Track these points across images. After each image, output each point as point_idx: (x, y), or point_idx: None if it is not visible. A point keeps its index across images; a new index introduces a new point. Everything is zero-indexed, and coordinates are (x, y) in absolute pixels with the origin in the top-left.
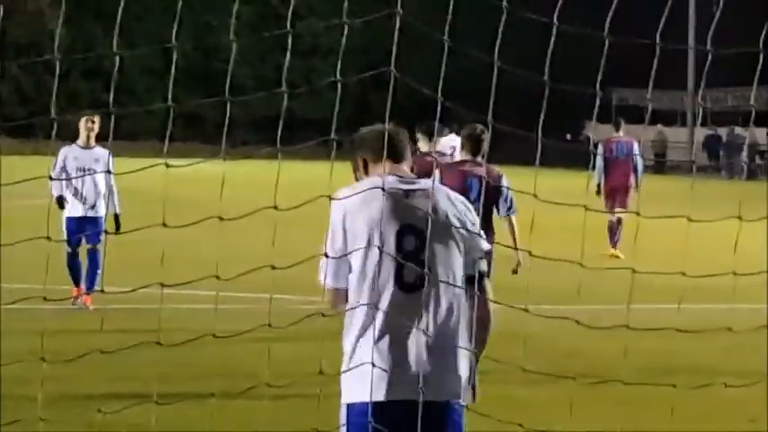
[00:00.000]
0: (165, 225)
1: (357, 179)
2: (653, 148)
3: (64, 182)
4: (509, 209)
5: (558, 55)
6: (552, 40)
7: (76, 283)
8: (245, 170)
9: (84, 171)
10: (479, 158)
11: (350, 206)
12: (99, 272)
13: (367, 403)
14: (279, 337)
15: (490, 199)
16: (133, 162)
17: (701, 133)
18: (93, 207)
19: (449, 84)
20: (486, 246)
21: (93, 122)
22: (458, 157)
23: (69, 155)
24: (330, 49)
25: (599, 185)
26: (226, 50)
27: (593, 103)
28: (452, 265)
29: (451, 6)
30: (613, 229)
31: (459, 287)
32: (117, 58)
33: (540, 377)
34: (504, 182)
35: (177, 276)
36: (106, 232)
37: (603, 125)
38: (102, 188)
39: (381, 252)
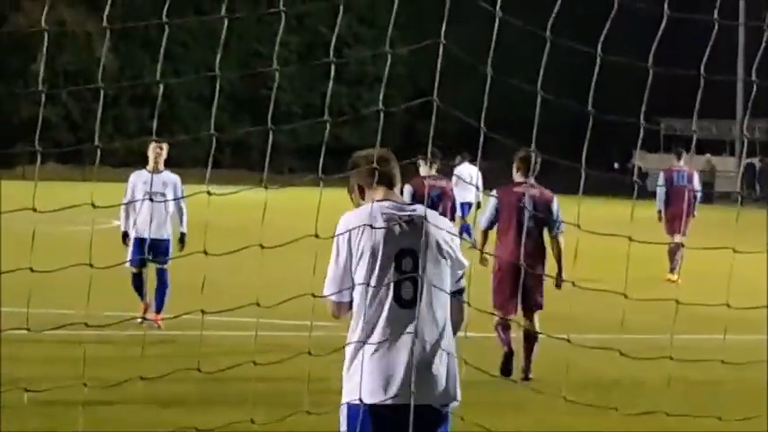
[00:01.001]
0: (205, 253)
1: (353, 201)
2: (701, 177)
3: (132, 205)
4: (558, 228)
5: (606, 85)
6: (596, 69)
7: (142, 297)
8: (289, 197)
9: (151, 195)
10: (531, 180)
11: (355, 227)
12: (167, 291)
13: (367, 404)
14: (319, 365)
15: (543, 219)
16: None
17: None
18: (159, 229)
19: (494, 112)
20: (465, 262)
21: (160, 148)
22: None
23: (138, 180)
24: (376, 77)
25: (660, 212)
26: (272, 78)
27: (640, 132)
28: (443, 282)
29: (495, 35)
30: (673, 254)
31: (449, 294)
32: (162, 86)
33: (582, 407)
34: (555, 203)
35: (219, 303)
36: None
37: (651, 154)
38: (171, 210)
39: (382, 271)
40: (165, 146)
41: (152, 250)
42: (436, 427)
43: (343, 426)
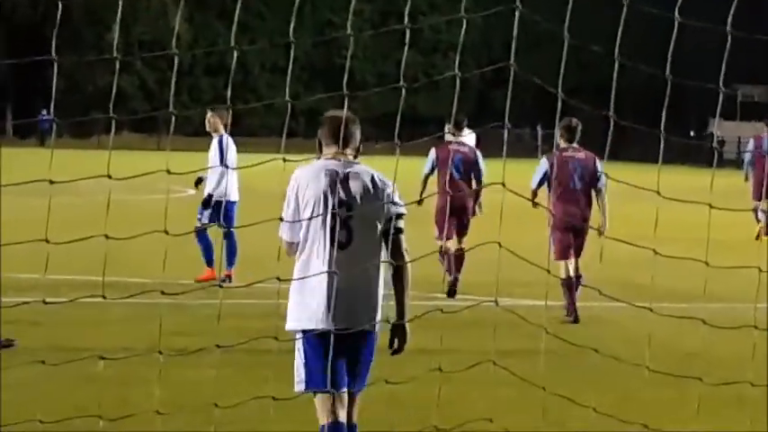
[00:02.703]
0: (281, 219)
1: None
2: None
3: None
4: (602, 185)
5: (683, 51)
6: (674, 35)
7: (209, 264)
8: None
9: (208, 159)
10: (575, 145)
11: (302, 181)
12: (234, 252)
13: (314, 332)
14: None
15: (590, 179)
16: (254, 158)
17: None
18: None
19: (569, 79)
20: (402, 210)
21: (211, 116)
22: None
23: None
24: (451, 45)
25: (746, 175)
26: (346, 47)
27: (718, 100)
28: (373, 227)
29: (572, 1)
30: (757, 213)
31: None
32: (237, 56)
33: (664, 377)
34: (599, 165)
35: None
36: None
37: (728, 122)
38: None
39: (323, 218)
40: (210, 113)
41: (213, 209)
42: (365, 346)
43: (299, 354)
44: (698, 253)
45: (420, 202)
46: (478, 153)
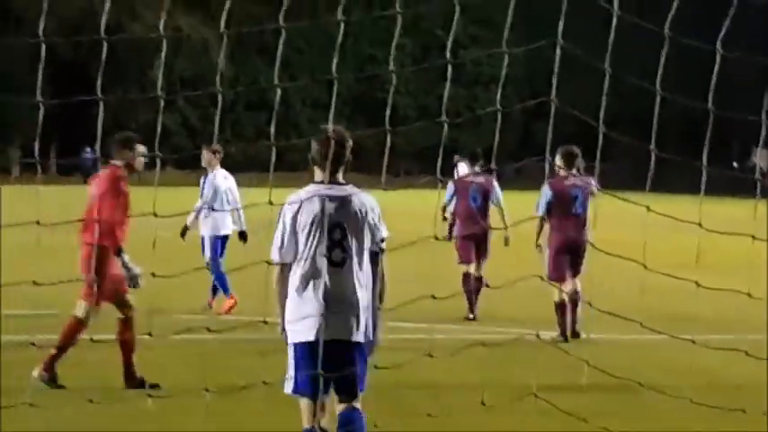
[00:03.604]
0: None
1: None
2: None
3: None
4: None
5: (724, 82)
6: (716, 67)
7: (226, 292)
8: (406, 200)
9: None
10: (574, 172)
11: (297, 207)
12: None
13: (307, 342)
14: (440, 368)
15: (587, 201)
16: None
17: None
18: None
19: (608, 111)
20: (385, 234)
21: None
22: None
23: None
24: (492, 77)
25: None
26: (387, 81)
27: (760, 129)
28: (363, 247)
29: (613, 35)
30: None
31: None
32: (279, 91)
33: (707, 410)
34: (596, 189)
35: None
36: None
37: None
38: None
39: (319, 240)
40: (205, 149)
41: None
42: (357, 356)
43: (291, 360)
44: (740, 284)
45: (450, 236)
46: (495, 182)
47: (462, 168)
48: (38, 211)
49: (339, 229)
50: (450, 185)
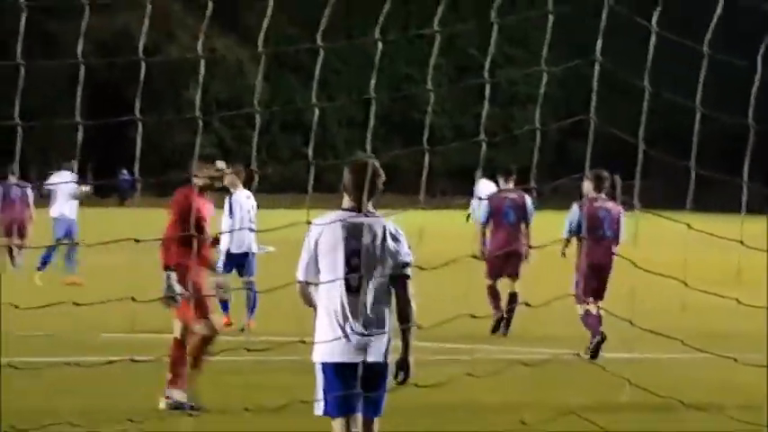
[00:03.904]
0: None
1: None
2: None
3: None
4: (621, 234)
5: (764, 97)
6: (756, 84)
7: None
8: (443, 219)
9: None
10: (603, 195)
11: (321, 230)
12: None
13: (332, 363)
14: (481, 387)
15: (617, 229)
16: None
17: None
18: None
19: (647, 128)
20: (409, 259)
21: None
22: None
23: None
24: (528, 96)
25: None
26: (423, 101)
27: None
28: (383, 272)
29: (651, 52)
30: None
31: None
32: (316, 111)
33: (747, 427)
34: (622, 216)
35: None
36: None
37: None
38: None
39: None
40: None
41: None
42: (379, 377)
43: (319, 381)
44: None
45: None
46: (527, 198)
47: (484, 185)
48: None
49: (357, 256)
50: (485, 203)
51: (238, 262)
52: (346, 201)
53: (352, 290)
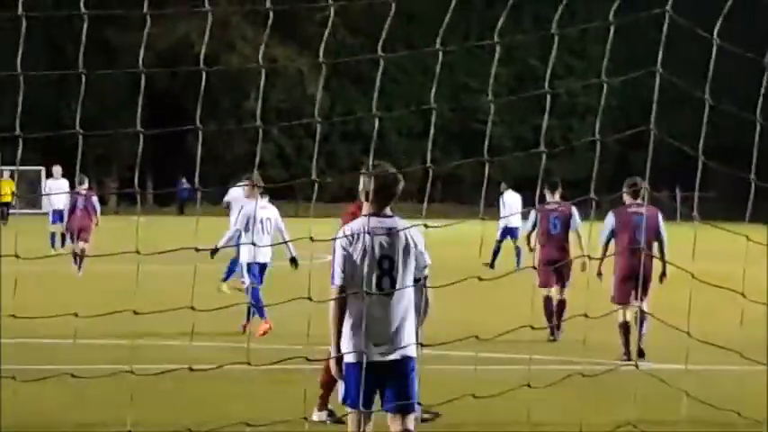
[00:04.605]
0: (424, 284)
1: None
2: None
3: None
4: (663, 239)
5: None
6: None
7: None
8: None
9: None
10: (639, 201)
11: (351, 237)
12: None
13: (359, 363)
14: (538, 397)
15: (653, 231)
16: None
17: None
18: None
19: (707, 141)
20: (428, 261)
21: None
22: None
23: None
24: (588, 108)
25: None
26: (482, 111)
27: None
28: (408, 275)
29: (712, 64)
30: None
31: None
32: (377, 120)
33: None
34: (660, 219)
35: (435, 336)
36: None
37: None
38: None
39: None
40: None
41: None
42: (406, 371)
43: (347, 378)
44: None
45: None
46: (574, 209)
47: (508, 196)
48: (143, 241)
49: (388, 259)
50: (533, 213)
51: (259, 272)
52: (368, 207)
53: (385, 293)
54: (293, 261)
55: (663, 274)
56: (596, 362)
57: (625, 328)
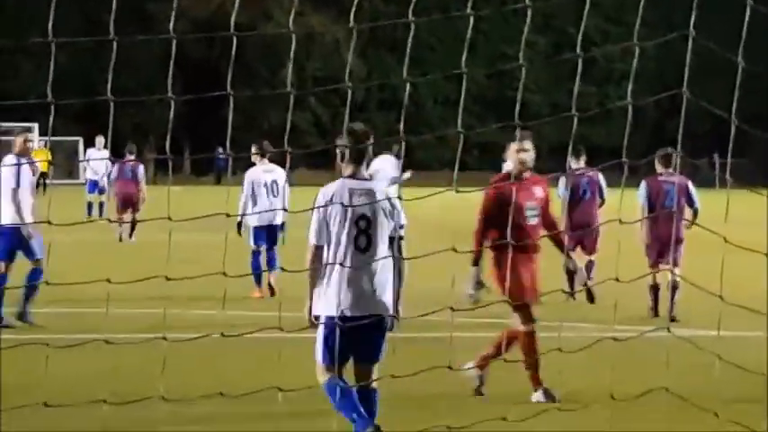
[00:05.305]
0: (454, 250)
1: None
2: None
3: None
4: (694, 204)
5: None
6: None
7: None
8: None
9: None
10: (671, 170)
11: (329, 198)
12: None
13: (333, 317)
14: (569, 363)
15: (685, 200)
16: (426, 191)
17: None
18: None
19: (744, 108)
20: (403, 221)
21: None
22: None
23: None
24: (624, 75)
25: None
26: (518, 79)
27: None
28: (384, 234)
29: (746, 27)
30: None
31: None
32: (409, 90)
33: None
34: (691, 186)
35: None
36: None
37: None
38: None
39: (346, 228)
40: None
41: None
42: (381, 327)
43: (320, 332)
44: None
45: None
46: (600, 176)
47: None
48: (175, 211)
49: (365, 219)
50: (562, 180)
51: (269, 234)
52: (346, 169)
53: (362, 250)
54: (281, 227)
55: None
56: (627, 328)
57: (655, 289)
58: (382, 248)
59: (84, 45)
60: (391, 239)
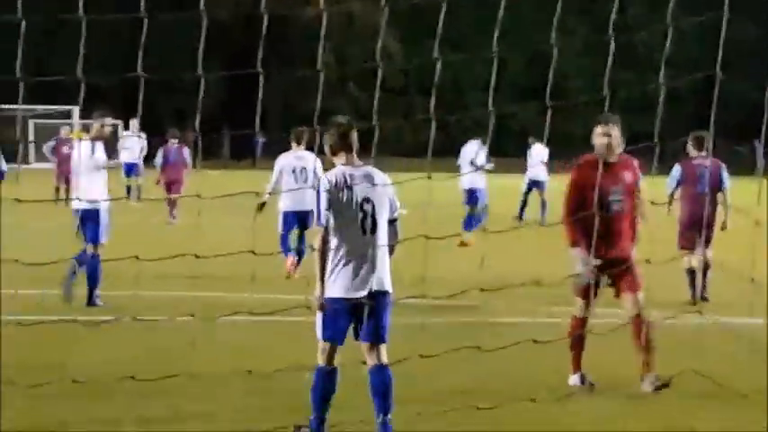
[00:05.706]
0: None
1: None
2: None
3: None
4: (725, 187)
5: None
6: None
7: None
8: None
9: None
10: (704, 153)
11: (334, 183)
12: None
13: (340, 298)
14: (599, 347)
15: (716, 181)
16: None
17: None
18: None
19: None
20: (398, 204)
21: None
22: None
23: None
24: (666, 62)
25: None
26: (560, 66)
27: None
28: (385, 216)
29: None
30: None
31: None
32: (449, 75)
33: None
34: (724, 171)
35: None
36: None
37: None
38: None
39: (352, 211)
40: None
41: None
42: (384, 305)
43: (325, 312)
44: None
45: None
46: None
47: (536, 149)
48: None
49: (370, 203)
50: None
51: (299, 220)
52: (340, 158)
53: (367, 232)
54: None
55: (724, 224)
56: (662, 315)
57: (692, 273)
58: (384, 230)
59: (124, 34)
60: (390, 221)
